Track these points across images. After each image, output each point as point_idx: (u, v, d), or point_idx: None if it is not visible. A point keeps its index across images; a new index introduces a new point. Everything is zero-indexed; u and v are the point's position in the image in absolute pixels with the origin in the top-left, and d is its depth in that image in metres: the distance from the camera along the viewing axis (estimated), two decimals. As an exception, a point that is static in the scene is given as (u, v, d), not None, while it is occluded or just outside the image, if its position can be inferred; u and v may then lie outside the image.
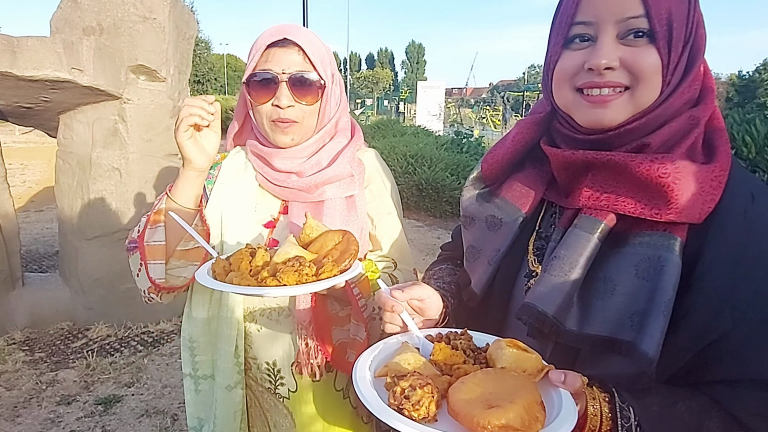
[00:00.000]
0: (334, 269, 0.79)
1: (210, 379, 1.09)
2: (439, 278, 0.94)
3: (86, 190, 3.13)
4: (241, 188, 1.08)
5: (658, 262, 0.62)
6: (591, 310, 0.66)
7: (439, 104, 15.94)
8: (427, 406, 0.56)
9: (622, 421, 0.60)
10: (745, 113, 4.54)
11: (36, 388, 2.58)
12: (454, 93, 51.35)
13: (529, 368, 0.61)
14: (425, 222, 6.60)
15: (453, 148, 8.14)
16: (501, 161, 0.83)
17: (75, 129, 3.17)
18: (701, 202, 0.62)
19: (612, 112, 0.66)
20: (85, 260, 3.18)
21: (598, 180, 0.69)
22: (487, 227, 0.82)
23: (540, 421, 0.53)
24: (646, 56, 0.64)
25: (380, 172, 1.14)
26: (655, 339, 0.61)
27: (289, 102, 0.99)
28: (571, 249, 0.68)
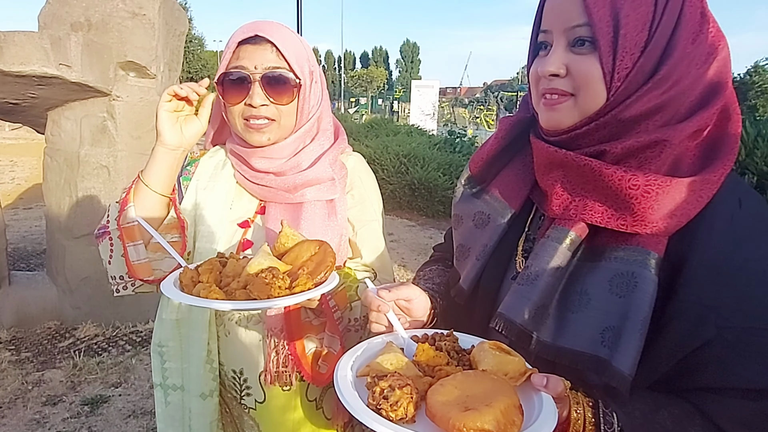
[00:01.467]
0: (308, 282, 0.77)
1: (180, 390, 1.04)
2: (429, 279, 0.94)
3: (74, 187, 3.09)
4: (218, 186, 1.06)
5: (632, 279, 0.62)
6: (566, 323, 0.66)
7: (433, 104, 15.94)
8: (405, 407, 0.55)
9: (605, 427, 0.60)
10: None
11: (22, 389, 2.55)
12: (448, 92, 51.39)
13: (511, 371, 0.61)
14: (417, 222, 6.59)
15: (446, 148, 8.14)
16: (486, 158, 0.83)
17: (63, 126, 3.13)
18: (673, 215, 0.61)
19: (560, 116, 0.68)
20: (72, 259, 3.15)
21: (569, 184, 0.69)
22: (474, 225, 0.82)
23: (517, 425, 0.53)
24: (587, 64, 0.64)
25: (364, 177, 1.11)
26: (630, 357, 0.60)
27: (262, 101, 0.95)
28: (540, 259, 0.69)
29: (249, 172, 1.02)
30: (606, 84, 0.63)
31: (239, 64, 0.95)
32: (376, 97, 38.04)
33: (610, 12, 0.61)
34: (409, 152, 7.32)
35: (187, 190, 1.06)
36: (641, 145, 0.63)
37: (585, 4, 0.62)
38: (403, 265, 4.80)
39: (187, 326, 1.01)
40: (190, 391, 1.01)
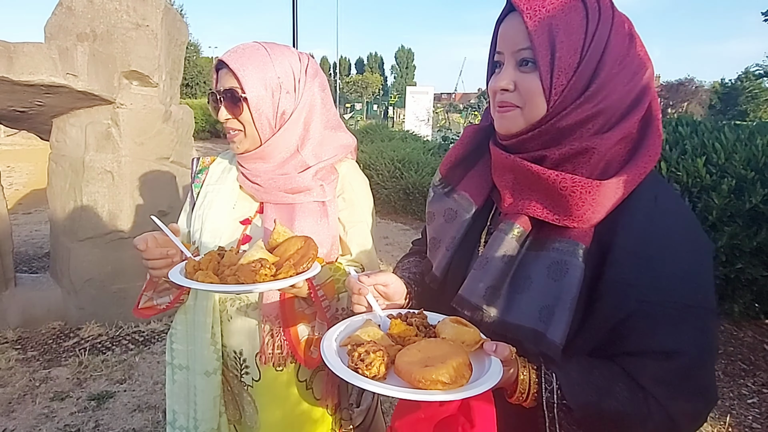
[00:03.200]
0: (291, 271, 0.89)
1: (185, 370, 1.17)
2: (406, 269, 1.06)
3: (79, 192, 3.20)
4: (223, 188, 1.20)
5: (564, 266, 0.73)
6: (513, 303, 0.77)
7: (428, 110, 16.08)
8: (377, 367, 0.68)
9: (545, 385, 0.71)
10: (717, 121, 4.74)
11: (30, 385, 2.65)
12: (443, 98, 51.58)
13: (467, 340, 0.72)
14: (411, 225, 6.72)
15: (440, 153, 8.27)
16: (452, 162, 0.96)
17: (68, 133, 3.24)
18: (595, 211, 0.73)
19: (510, 123, 0.80)
20: (77, 261, 3.25)
21: (518, 184, 0.81)
22: (445, 220, 0.93)
23: (466, 378, 0.65)
24: (530, 81, 0.75)
25: (354, 182, 1.21)
26: (560, 330, 0.72)
27: (225, 116, 1.10)
28: (491, 249, 0.81)
29: (245, 171, 1.16)
30: (546, 98, 0.75)
31: (213, 88, 1.13)
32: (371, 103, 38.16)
33: (548, 38, 0.73)
34: (404, 157, 7.45)
35: (198, 196, 1.22)
36: (574, 152, 0.74)
37: (528, 31, 0.73)
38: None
39: (193, 312, 1.14)
40: (194, 369, 1.14)
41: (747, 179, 3.26)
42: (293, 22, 9.62)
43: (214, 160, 1.27)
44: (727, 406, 2.64)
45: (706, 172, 3.39)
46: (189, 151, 3.68)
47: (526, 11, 0.74)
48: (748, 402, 2.69)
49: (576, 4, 0.73)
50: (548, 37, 0.73)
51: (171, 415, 1.20)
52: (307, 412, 1.17)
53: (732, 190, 3.26)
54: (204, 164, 1.26)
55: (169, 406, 1.20)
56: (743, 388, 2.82)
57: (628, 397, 0.71)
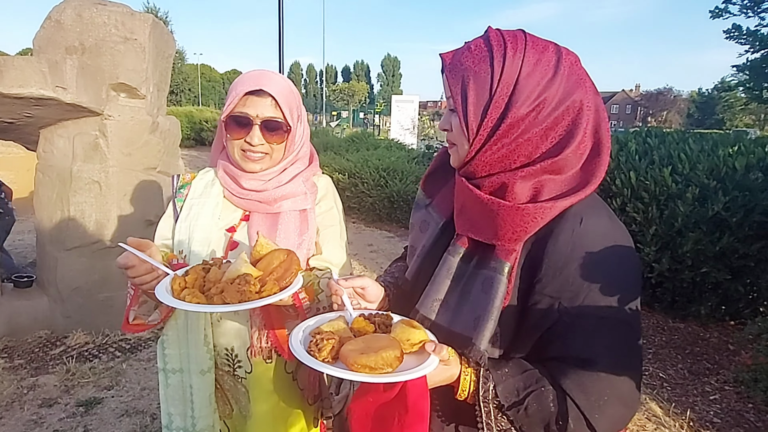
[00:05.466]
0: (275, 287, 0.93)
1: (179, 373, 1.24)
2: (390, 273, 1.18)
3: (66, 202, 3.25)
4: (208, 201, 1.28)
5: (491, 281, 0.83)
6: (457, 313, 0.88)
7: (412, 119, 16.28)
8: (327, 351, 0.79)
9: (482, 382, 0.81)
10: (684, 133, 4.96)
11: (17, 393, 2.69)
12: (428, 106, 51.97)
13: (412, 339, 0.82)
14: (396, 233, 6.84)
15: (424, 162, 8.42)
16: (430, 177, 1.09)
17: (56, 143, 3.29)
18: (514, 231, 0.81)
19: (452, 158, 0.92)
20: (64, 270, 3.29)
21: (464, 208, 0.91)
22: (419, 229, 1.05)
23: (392, 367, 0.76)
24: (455, 122, 0.87)
25: (330, 194, 1.36)
26: (485, 337, 0.82)
27: (260, 141, 1.19)
28: (441, 268, 0.92)
29: (237, 189, 1.26)
30: (467, 138, 0.84)
31: (244, 111, 1.18)
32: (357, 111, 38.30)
33: (461, 86, 0.83)
34: (389, 166, 7.58)
35: (182, 209, 1.29)
36: (495, 184, 0.84)
37: (448, 82, 0.85)
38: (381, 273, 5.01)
39: (186, 316, 1.23)
40: (190, 370, 1.23)
41: (710, 188, 3.45)
42: (279, 29, 9.72)
43: (194, 177, 1.36)
44: (690, 402, 2.79)
45: (672, 181, 3.58)
46: (176, 161, 3.76)
47: (447, 65, 0.86)
48: (711, 398, 2.85)
49: (484, 55, 0.81)
50: (461, 84, 0.83)
51: (167, 419, 1.28)
52: (293, 402, 1.29)
53: (696, 198, 3.45)
54: (185, 180, 1.35)
55: (164, 410, 1.27)
56: (707, 386, 2.97)
57: (551, 399, 0.79)
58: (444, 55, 0.88)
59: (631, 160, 3.90)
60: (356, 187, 7.49)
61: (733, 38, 12.52)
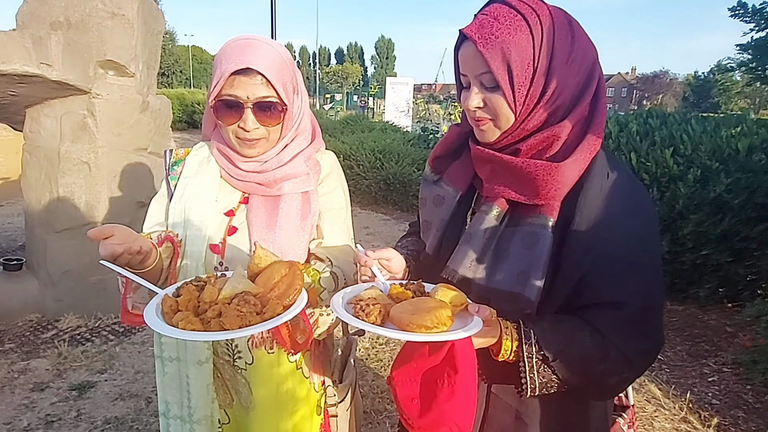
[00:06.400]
0: (278, 308, 0.84)
1: (176, 361, 1.18)
2: (404, 246, 1.16)
3: (54, 183, 3.16)
4: (204, 181, 1.19)
5: (535, 237, 0.86)
6: (494, 271, 0.90)
7: (407, 101, 16.12)
8: (375, 316, 0.80)
9: (525, 339, 0.84)
10: (688, 112, 4.90)
11: (8, 377, 2.63)
12: (423, 89, 51.60)
13: (454, 301, 0.83)
14: (392, 215, 6.79)
15: (420, 144, 8.34)
16: (439, 155, 1.08)
17: (42, 123, 3.19)
18: (557, 188, 0.85)
19: (486, 134, 0.92)
20: (54, 252, 3.22)
21: (494, 172, 0.94)
22: (434, 204, 1.05)
23: (446, 326, 0.76)
24: (496, 100, 0.86)
25: (334, 172, 1.28)
26: (535, 289, 0.85)
27: (254, 126, 1.10)
28: (474, 227, 0.93)
29: (235, 170, 1.18)
30: (512, 109, 0.86)
31: (233, 93, 1.07)
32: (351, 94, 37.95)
33: (503, 60, 0.82)
34: (384, 148, 7.50)
35: (176, 188, 1.21)
36: (538, 141, 0.87)
37: (484, 58, 0.83)
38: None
39: None
40: (186, 360, 1.16)
41: (712, 169, 3.41)
42: (272, 10, 9.51)
43: (188, 152, 1.26)
44: (689, 384, 2.79)
45: (673, 162, 3.53)
46: (167, 142, 3.66)
47: (479, 40, 0.83)
48: (709, 380, 2.84)
49: (520, 24, 0.82)
50: (502, 59, 0.82)
51: (164, 406, 1.22)
52: (296, 390, 1.23)
53: (698, 179, 3.40)
54: (178, 156, 1.26)
55: (161, 398, 1.22)
56: (705, 368, 2.97)
57: (590, 341, 0.84)
58: (466, 30, 0.86)
59: (632, 141, 3.85)
60: (351, 170, 7.40)
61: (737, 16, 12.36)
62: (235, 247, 1.16)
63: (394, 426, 2.35)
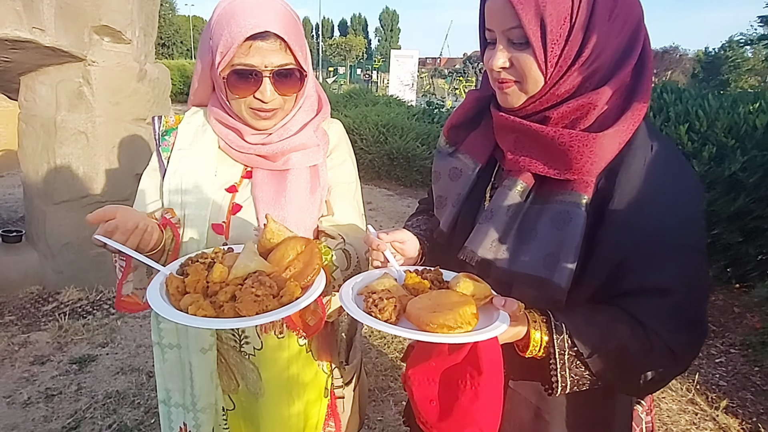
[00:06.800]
0: (296, 290, 0.77)
1: (176, 348, 1.10)
2: (416, 226, 1.09)
3: (52, 154, 3.08)
4: (200, 153, 1.09)
5: (567, 216, 0.77)
6: (518, 253, 0.81)
7: (412, 74, 15.84)
8: (390, 312, 0.71)
9: (557, 335, 0.76)
10: (701, 89, 4.75)
11: (8, 350, 2.61)
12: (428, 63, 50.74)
13: (478, 294, 0.75)
14: (396, 191, 6.70)
15: (424, 118, 8.19)
16: (455, 124, 0.99)
17: (38, 91, 3.09)
18: (593, 162, 0.75)
19: (510, 98, 0.82)
20: (53, 225, 3.17)
21: (519, 143, 0.84)
22: (450, 178, 0.97)
23: (471, 325, 0.68)
24: (525, 58, 0.77)
25: (343, 143, 1.18)
26: (566, 274, 0.76)
27: (273, 96, 1.00)
28: (496, 203, 0.84)
29: (238, 143, 1.08)
30: (542, 71, 0.77)
31: (248, 63, 0.96)
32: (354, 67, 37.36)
33: (536, 13, 0.73)
34: (388, 122, 7.35)
35: (169, 162, 1.09)
36: (572, 109, 0.77)
37: (515, 10, 0.73)
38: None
39: None
40: (189, 347, 1.08)
41: (727, 147, 3.30)
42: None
43: (180, 120, 1.14)
44: (696, 365, 2.75)
45: (688, 139, 3.42)
46: (166, 113, 3.56)
47: None
48: (716, 361, 2.81)
49: None
50: (535, 12, 0.73)
51: (164, 393, 1.15)
52: (305, 373, 1.17)
53: (713, 157, 3.30)
54: (168, 124, 1.14)
55: (161, 385, 1.15)
56: (712, 349, 2.93)
57: (630, 334, 0.75)
58: None
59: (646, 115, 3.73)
60: (354, 144, 7.24)
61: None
62: (240, 227, 1.08)
63: (399, 404, 2.33)
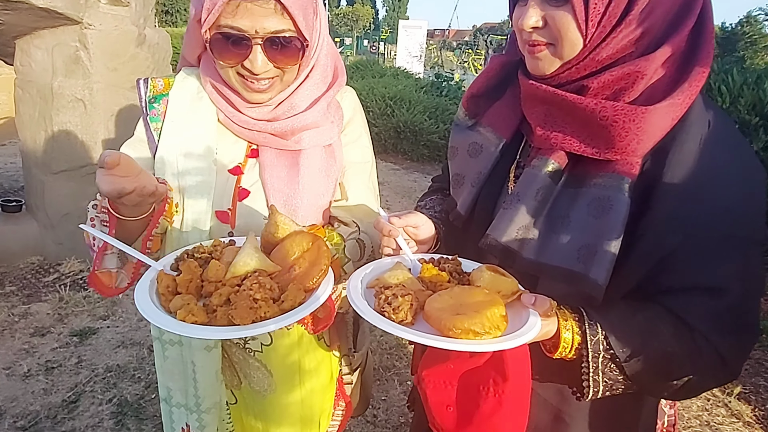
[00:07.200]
0: (299, 295, 0.70)
1: (177, 345, 1.00)
2: (430, 207, 0.99)
3: (49, 121, 2.99)
4: (196, 126, 0.95)
5: (608, 202, 0.68)
6: (548, 243, 0.72)
7: (421, 45, 15.46)
8: (405, 311, 0.63)
9: (590, 336, 0.67)
10: (723, 63, 4.56)
11: (8, 320, 2.58)
12: (436, 34, 49.64)
13: (504, 290, 0.67)
14: (402, 165, 6.58)
15: (433, 91, 7.99)
16: (477, 93, 0.88)
17: (33, 55, 2.98)
18: (641, 140, 0.65)
19: (542, 64, 0.71)
20: (52, 195, 3.10)
21: (551, 117, 0.74)
22: (469, 155, 0.87)
23: (501, 330, 0.59)
24: (561, 17, 0.66)
25: (358, 116, 1.06)
26: (604, 269, 0.67)
27: (264, 67, 0.86)
28: (523, 186, 0.75)
29: (239, 116, 0.95)
30: (581, 31, 0.66)
31: (236, 25, 0.82)
32: (361, 38, 36.62)
33: None
34: (396, 95, 7.18)
35: (161, 136, 0.94)
36: (616, 78, 0.66)
37: None
38: (387, 208, 4.84)
39: None
40: (191, 345, 0.98)
41: (750, 125, 3.17)
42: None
43: (170, 84, 0.98)
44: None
45: (709, 115, 3.29)
46: (167, 80, 3.45)
47: None
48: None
49: None
50: None
51: (165, 392, 1.06)
52: (317, 362, 1.09)
53: (734, 135, 3.18)
54: (157, 89, 0.97)
55: (162, 382, 1.05)
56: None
57: (674, 336, 0.67)
58: None
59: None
60: (361, 117, 7.13)
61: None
62: (248, 215, 0.96)
63: (403, 383, 2.29)
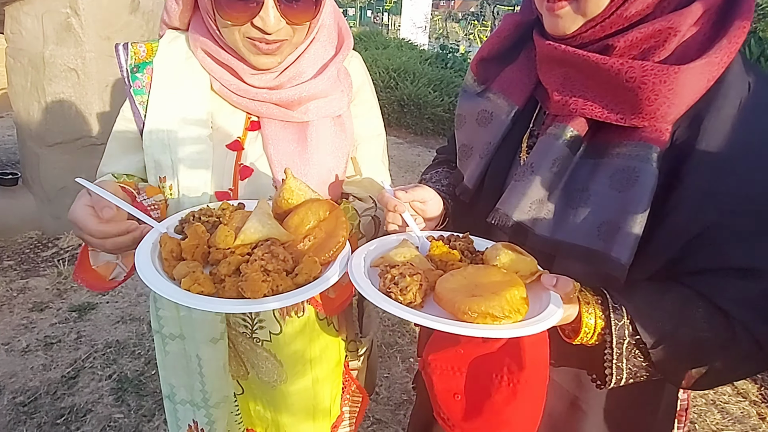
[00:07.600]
0: (315, 268, 0.64)
1: (179, 339, 0.94)
2: (436, 181, 0.93)
3: (42, 92, 2.90)
4: (187, 96, 0.86)
5: (633, 173, 0.61)
6: (564, 218, 0.66)
7: (425, 16, 15.09)
8: (414, 293, 0.57)
9: (615, 321, 0.62)
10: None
11: (7, 295, 2.55)
12: (441, 5, 48.49)
13: (522, 270, 0.61)
14: (405, 139, 6.47)
15: (437, 63, 7.80)
16: (487, 56, 0.80)
17: (23, 23, 2.87)
18: (672, 104, 0.58)
19: (563, 22, 0.64)
20: (47, 168, 3.04)
21: (570, 80, 0.67)
22: (477, 123, 0.80)
23: (521, 314, 0.54)
24: None
25: (366, 84, 0.99)
26: (628, 247, 0.61)
27: (278, 25, 0.77)
28: (538, 155, 0.68)
29: (238, 85, 0.86)
30: None
31: None
32: (365, 8, 35.79)
33: None
34: (399, 67, 7.01)
35: (148, 109, 0.86)
36: (645, 36, 0.59)
37: None
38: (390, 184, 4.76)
39: None
40: (196, 338, 0.92)
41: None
42: None
43: (154, 50, 0.88)
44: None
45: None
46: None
47: None
48: None
49: None
50: None
51: (168, 388, 1.00)
52: (331, 350, 1.04)
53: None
54: (139, 56, 0.87)
55: (164, 378, 1.00)
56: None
57: (707, 321, 0.62)
58: None
59: (678, 62, 3.47)
60: (364, 90, 6.99)
61: None
62: (253, 195, 0.89)
63: (406, 360, 2.26)
